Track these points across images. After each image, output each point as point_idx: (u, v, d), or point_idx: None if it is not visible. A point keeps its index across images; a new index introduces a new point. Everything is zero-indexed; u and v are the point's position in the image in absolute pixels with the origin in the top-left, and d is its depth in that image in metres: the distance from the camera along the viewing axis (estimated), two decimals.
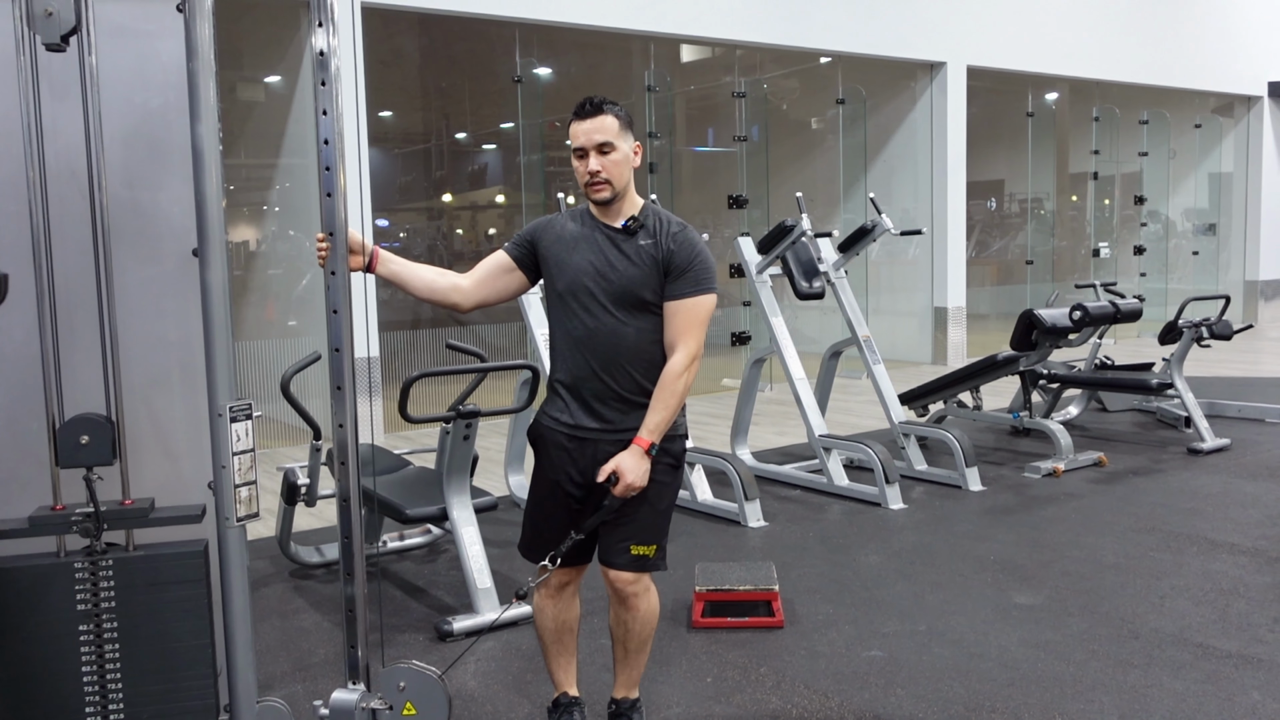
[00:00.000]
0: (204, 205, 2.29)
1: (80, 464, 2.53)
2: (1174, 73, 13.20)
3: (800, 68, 11.63)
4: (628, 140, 2.72)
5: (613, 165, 2.68)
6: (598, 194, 2.70)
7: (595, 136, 2.67)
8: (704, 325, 2.73)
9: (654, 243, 2.70)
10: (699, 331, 2.71)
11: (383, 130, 12.24)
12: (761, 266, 6.06)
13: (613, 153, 2.68)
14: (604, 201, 2.72)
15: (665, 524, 2.85)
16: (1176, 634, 3.69)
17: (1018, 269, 13.40)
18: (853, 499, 5.65)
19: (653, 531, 2.80)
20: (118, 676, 2.58)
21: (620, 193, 2.72)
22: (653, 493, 2.75)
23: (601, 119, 2.67)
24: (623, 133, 2.70)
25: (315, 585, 4.48)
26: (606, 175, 2.68)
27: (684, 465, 2.87)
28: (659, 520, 2.81)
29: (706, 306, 2.72)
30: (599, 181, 2.68)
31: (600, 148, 2.67)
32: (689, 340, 2.69)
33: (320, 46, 2.40)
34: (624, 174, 2.71)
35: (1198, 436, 6.67)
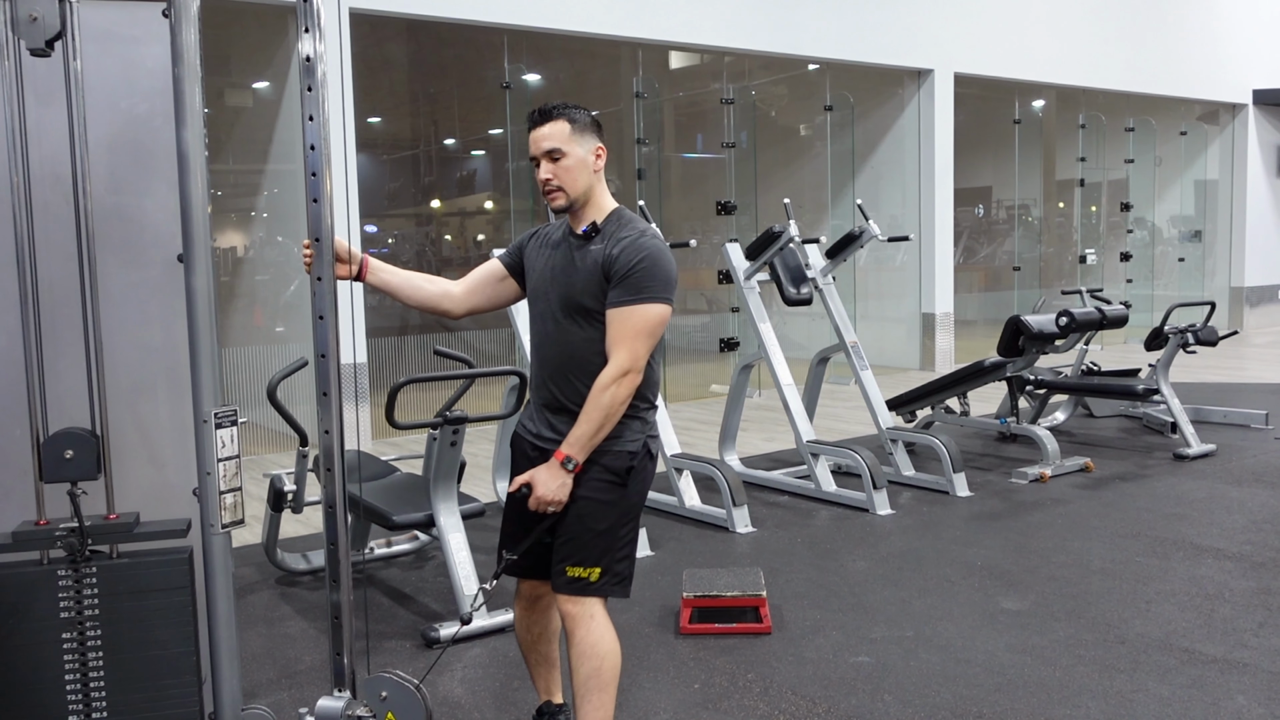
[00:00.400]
0: (189, 211, 2.29)
1: (64, 479, 2.51)
2: (1160, 80, 13.29)
3: (788, 74, 11.66)
4: (584, 144, 2.62)
5: (564, 172, 2.60)
6: (553, 202, 2.64)
7: (544, 144, 2.60)
8: (641, 337, 2.54)
9: (602, 248, 2.59)
10: (634, 344, 2.53)
11: (371, 136, 12.23)
12: (750, 272, 6.07)
13: (563, 159, 2.60)
14: (560, 209, 2.65)
15: (613, 545, 2.63)
16: (1162, 639, 3.71)
17: (1005, 275, 13.45)
18: (840, 505, 5.65)
19: (592, 553, 2.61)
20: (101, 685, 2.56)
21: (578, 199, 2.63)
22: (587, 510, 2.60)
23: (552, 125, 2.60)
24: (577, 136, 2.61)
25: (302, 592, 4.46)
26: (559, 182, 2.60)
27: (633, 485, 2.64)
28: (599, 541, 2.61)
29: (644, 316, 2.54)
30: (551, 189, 2.62)
31: (550, 154, 2.60)
32: (621, 351, 2.53)
33: (307, 52, 2.39)
34: (578, 179, 2.62)
35: (1183, 442, 6.70)
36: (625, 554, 2.66)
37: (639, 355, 2.54)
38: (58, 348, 2.63)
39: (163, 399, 2.84)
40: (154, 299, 2.80)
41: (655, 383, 2.74)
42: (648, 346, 2.56)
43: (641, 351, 2.55)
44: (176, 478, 2.80)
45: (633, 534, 2.70)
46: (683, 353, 10.99)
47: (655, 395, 2.74)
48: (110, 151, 2.71)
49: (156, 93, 2.71)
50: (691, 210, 12.63)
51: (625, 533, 2.66)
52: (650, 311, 2.55)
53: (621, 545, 2.65)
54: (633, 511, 2.68)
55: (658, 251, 2.58)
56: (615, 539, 2.63)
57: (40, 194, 2.59)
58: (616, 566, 2.64)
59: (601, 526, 2.61)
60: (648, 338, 2.56)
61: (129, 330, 2.77)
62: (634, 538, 2.71)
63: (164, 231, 2.76)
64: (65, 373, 2.64)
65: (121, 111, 2.73)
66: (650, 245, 2.58)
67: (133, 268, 2.77)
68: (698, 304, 12.31)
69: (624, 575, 2.67)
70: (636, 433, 2.64)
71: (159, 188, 2.76)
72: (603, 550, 2.61)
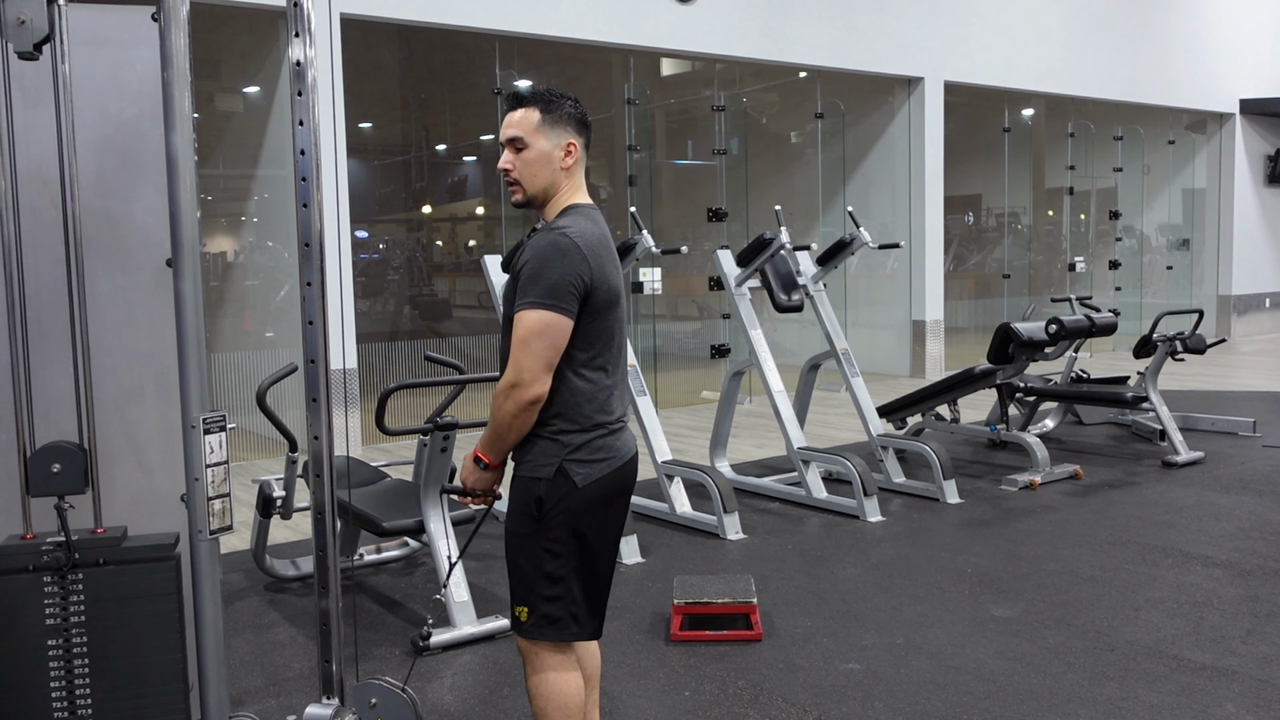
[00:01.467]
0: (178, 215, 2.28)
1: (51, 493, 2.49)
2: (1148, 89, 13.36)
3: (779, 82, 11.69)
4: (553, 137, 2.37)
5: (524, 164, 2.37)
6: (511, 196, 2.43)
7: (508, 130, 2.38)
8: (526, 346, 2.24)
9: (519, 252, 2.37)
10: (517, 354, 2.25)
11: (362, 141, 12.21)
12: (741, 279, 6.08)
13: (525, 150, 2.36)
14: (518, 204, 2.44)
15: (535, 584, 2.35)
16: (1151, 646, 3.71)
17: (995, 283, 13.49)
18: (831, 511, 5.65)
19: (518, 591, 2.39)
20: (87, 691, 2.54)
21: (536, 196, 2.40)
22: (509, 545, 2.41)
23: (523, 111, 2.37)
24: (545, 129, 2.36)
25: (290, 599, 4.43)
26: (516, 175, 2.38)
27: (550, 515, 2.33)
28: (522, 578, 2.38)
29: (524, 323, 2.25)
30: (509, 181, 2.40)
31: (512, 143, 2.38)
32: (510, 364, 2.27)
33: (297, 57, 2.39)
34: (538, 174, 2.37)
35: (1172, 450, 6.72)
36: (555, 594, 2.35)
37: (523, 367, 2.24)
38: (45, 353, 2.62)
39: (151, 405, 2.83)
40: (142, 304, 2.79)
41: (595, 399, 2.37)
42: (537, 356, 2.24)
43: (527, 363, 2.24)
44: (164, 483, 2.78)
45: (565, 572, 2.36)
46: (674, 359, 10.99)
47: (588, 414, 2.36)
48: (98, 155, 2.70)
49: (145, 96, 2.70)
50: (683, 217, 12.64)
51: (554, 570, 2.35)
52: (526, 319, 2.25)
53: (549, 584, 2.35)
54: (558, 548, 2.35)
55: (548, 250, 2.27)
56: (538, 577, 2.35)
57: (28, 198, 2.58)
58: (545, 608, 2.36)
59: (521, 563, 2.38)
60: (531, 347, 2.24)
61: (117, 335, 2.75)
62: (567, 577, 2.36)
63: (152, 236, 2.75)
64: (53, 379, 2.63)
65: (110, 115, 2.72)
66: (541, 243, 2.29)
67: (121, 272, 2.76)
68: (689, 310, 12.32)
69: (555, 618, 2.36)
70: (549, 456, 2.34)
71: (147, 192, 2.75)
72: (526, 589, 2.37)
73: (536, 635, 2.37)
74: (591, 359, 2.35)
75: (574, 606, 2.38)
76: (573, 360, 2.33)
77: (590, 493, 2.35)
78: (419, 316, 12.24)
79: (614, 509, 2.44)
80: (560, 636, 2.38)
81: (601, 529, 2.41)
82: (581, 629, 2.40)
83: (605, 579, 2.47)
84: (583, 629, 2.41)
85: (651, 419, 5.49)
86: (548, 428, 2.34)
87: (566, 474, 2.33)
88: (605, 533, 2.43)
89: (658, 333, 10.41)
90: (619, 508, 2.46)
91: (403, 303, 12.62)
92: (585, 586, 2.39)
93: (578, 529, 2.35)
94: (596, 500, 2.37)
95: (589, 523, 2.37)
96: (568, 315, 2.27)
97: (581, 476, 2.34)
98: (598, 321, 2.34)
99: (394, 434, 3.92)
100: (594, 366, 2.36)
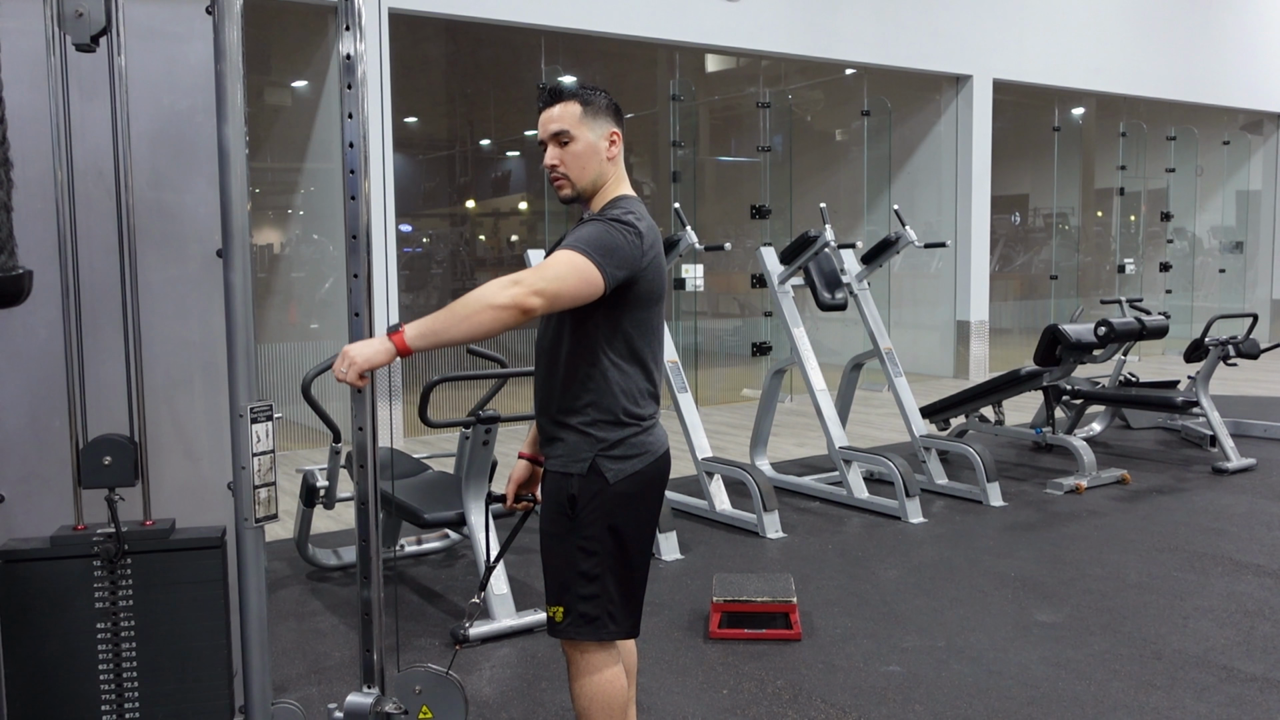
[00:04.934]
0: (229, 206, 2.30)
1: (102, 485, 2.53)
2: (1203, 89, 13.11)
3: (825, 79, 11.61)
4: (595, 128, 2.35)
5: (572, 158, 2.34)
6: (558, 191, 2.39)
7: (551, 126, 2.34)
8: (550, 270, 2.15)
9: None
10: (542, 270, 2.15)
11: (407, 136, 12.31)
12: (784, 277, 6.04)
13: (572, 144, 2.33)
14: (567, 200, 2.40)
15: (571, 583, 2.34)
16: (1200, 655, 3.64)
17: (1041, 284, 13.31)
18: (872, 512, 5.61)
19: (553, 590, 2.38)
20: (134, 675, 2.58)
21: (586, 189, 2.37)
22: (543, 544, 2.40)
23: (563, 106, 2.34)
24: (589, 120, 2.34)
25: (332, 588, 4.48)
26: (564, 170, 2.35)
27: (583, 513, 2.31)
28: (557, 577, 2.37)
29: (562, 257, 2.17)
30: (557, 177, 2.37)
31: (557, 137, 2.34)
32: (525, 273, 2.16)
33: (347, 50, 2.40)
34: (587, 167, 2.35)
35: (1223, 456, 6.59)
36: (592, 593, 2.32)
37: (540, 277, 2.13)
38: (97, 341, 2.66)
39: (199, 394, 2.87)
40: (193, 294, 2.82)
41: (629, 393, 2.33)
42: (557, 281, 2.14)
43: (544, 277, 2.13)
44: (211, 472, 2.82)
45: (601, 570, 2.33)
46: (715, 356, 10.96)
47: (622, 406, 2.32)
48: (152, 147, 2.73)
49: (198, 89, 2.73)
50: (726, 214, 12.60)
51: (589, 568, 2.32)
52: (565, 255, 2.18)
53: (585, 582, 2.33)
54: (593, 545, 2.32)
55: (608, 224, 2.25)
56: (574, 576, 2.33)
57: (83, 188, 2.62)
58: (581, 607, 2.33)
59: (555, 562, 2.37)
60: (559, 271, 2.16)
61: (167, 325, 2.79)
62: (603, 575, 2.33)
63: (203, 227, 2.78)
64: (104, 367, 2.66)
65: (164, 107, 2.76)
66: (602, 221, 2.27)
67: (172, 263, 2.80)
68: (730, 308, 12.28)
69: (592, 616, 2.33)
70: (582, 451, 2.31)
71: (199, 183, 2.78)
72: (561, 588, 2.36)
73: (573, 635, 2.35)
74: (632, 351, 2.32)
75: (610, 605, 2.35)
76: (612, 349, 2.30)
77: (624, 488, 2.32)
78: None
79: (648, 504, 2.41)
80: (598, 635, 2.35)
81: (636, 525, 2.37)
82: (619, 627, 2.37)
83: (641, 576, 2.43)
84: (620, 627, 2.37)
85: (692, 415, 5.47)
86: (579, 418, 2.32)
87: (599, 470, 2.30)
88: (640, 529, 2.39)
89: (699, 329, 10.39)
90: (653, 503, 2.43)
91: (446, 296, 12.70)
92: (621, 584, 2.36)
93: (613, 525, 2.32)
94: (630, 496, 2.34)
95: (623, 519, 2.33)
96: (605, 277, 2.19)
97: (614, 473, 2.31)
98: (642, 312, 2.32)
99: (437, 426, 3.94)
100: (632, 360, 2.33)
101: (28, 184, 2.31)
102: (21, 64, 2.49)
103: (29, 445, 2.69)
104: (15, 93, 2.13)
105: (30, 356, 2.68)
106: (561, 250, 2.20)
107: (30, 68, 2.52)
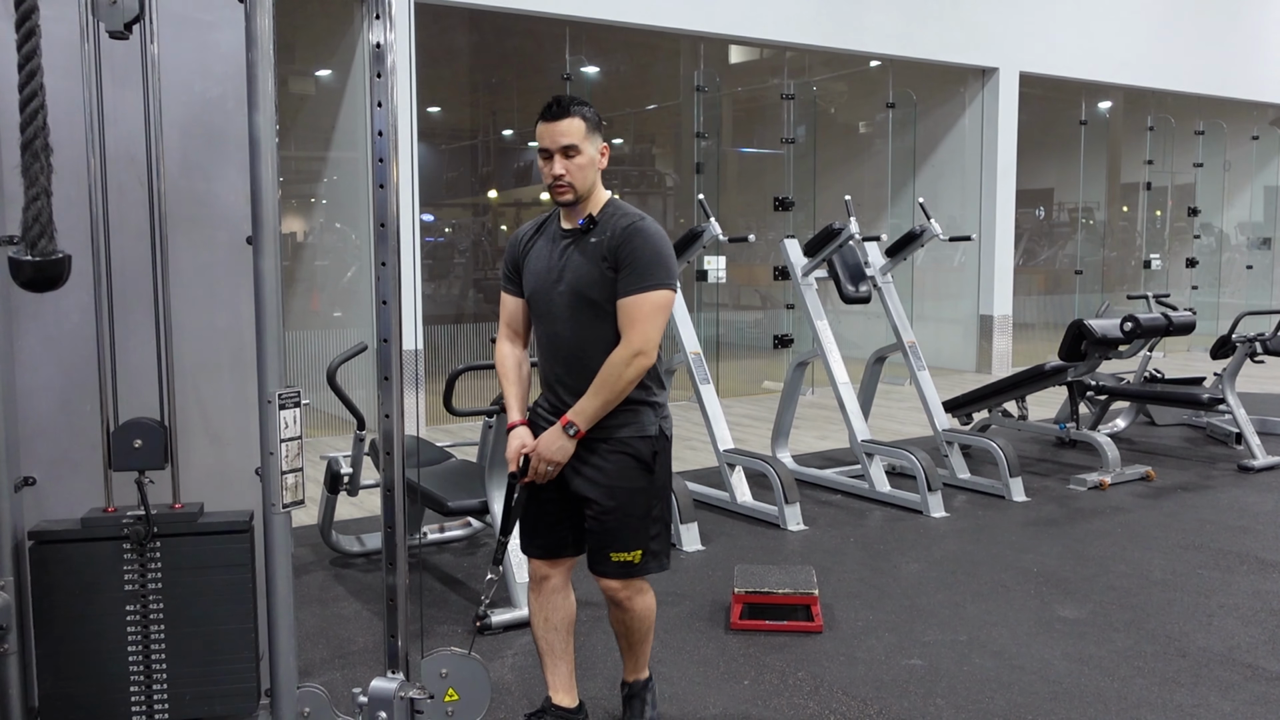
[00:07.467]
0: (259, 193, 2.32)
1: (132, 467, 2.56)
2: (1232, 83, 12.96)
3: (850, 71, 11.55)
4: (594, 143, 2.71)
5: (577, 169, 2.67)
6: (560, 196, 2.71)
7: (560, 139, 2.66)
8: (652, 320, 2.64)
9: (601, 240, 2.68)
10: (645, 326, 2.63)
11: (430, 126, 12.34)
12: (807, 269, 6.03)
13: (577, 156, 2.67)
14: (566, 204, 2.73)
15: (650, 528, 2.78)
16: (1225, 653, 3.62)
17: (1066, 278, 13.21)
18: (894, 505, 5.59)
19: (634, 538, 2.76)
20: (162, 656, 2.61)
21: (582, 195, 2.72)
22: (623, 499, 2.73)
23: (569, 121, 2.66)
24: (589, 135, 2.69)
25: (355, 574, 4.51)
26: (570, 179, 2.67)
27: (659, 468, 2.79)
28: (639, 525, 2.76)
29: (653, 301, 2.64)
30: (561, 185, 2.68)
31: (565, 150, 2.66)
32: (634, 334, 2.63)
33: (377, 40, 2.41)
34: (587, 177, 2.70)
35: (1249, 453, 6.54)
36: (659, 532, 2.81)
37: (650, 339, 2.64)
38: (128, 328, 2.68)
39: (227, 380, 2.88)
40: (222, 280, 2.84)
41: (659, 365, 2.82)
42: (658, 330, 2.66)
43: (653, 335, 2.64)
44: (238, 458, 2.83)
45: (664, 512, 2.83)
46: (736, 348, 10.94)
47: (658, 378, 2.81)
48: (183, 134, 2.75)
49: (229, 77, 2.74)
50: (749, 205, 12.57)
51: (658, 513, 2.80)
52: (658, 297, 2.65)
53: (656, 525, 2.79)
54: (662, 492, 2.82)
55: (659, 238, 2.68)
56: (650, 521, 2.77)
57: (115, 175, 2.64)
58: (653, 545, 2.79)
59: (639, 512, 2.75)
60: (654, 320, 2.65)
61: (197, 311, 2.81)
62: (667, 516, 2.86)
63: (234, 214, 2.79)
64: (135, 351, 2.69)
65: (195, 95, 2.77)
66: (649, 231, 2.67)
67: (203, 249, 2.81)
68: (751, 300, 12.26)
69: (661, 551, 2.82)
70: (652, 419, 2.77)
71: (229, 171, 2.80)
72: (639, 535, 2.75)
73: (649, 570, 2.78)
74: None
75: (668, 540, 2.87)
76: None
77: (669, 442, 2.84)
78: (483, 300, 12.34)
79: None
80: (663, 566, 2.83)
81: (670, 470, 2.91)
82: (669, 558, 2.88)
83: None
84: (669, 558, 2.88)
85: (714, 407, 5.47)
86: (641, 392, 2.73)
87: (662, 431, 2.79)
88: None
89: (721, 321, 10.37)
90: None
91: (468, 286, 12.74)
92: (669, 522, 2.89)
93: (670, 474, 2.87)
94: (669, 447, 2.85)
95: (669, 466, 2.86)
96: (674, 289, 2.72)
97: (667, 430, 2.82)
98: None
99: (461, 415, 3.96)
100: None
101: (61, 171, 2.32)
102: (56, 51, 2.51)
103: (60, 429, 2.72)
104: (50, 80, 2.15)
105: (62, 341, 2.70)
106: (648, 295, 2.64)
107: (64, 55, 2.54)
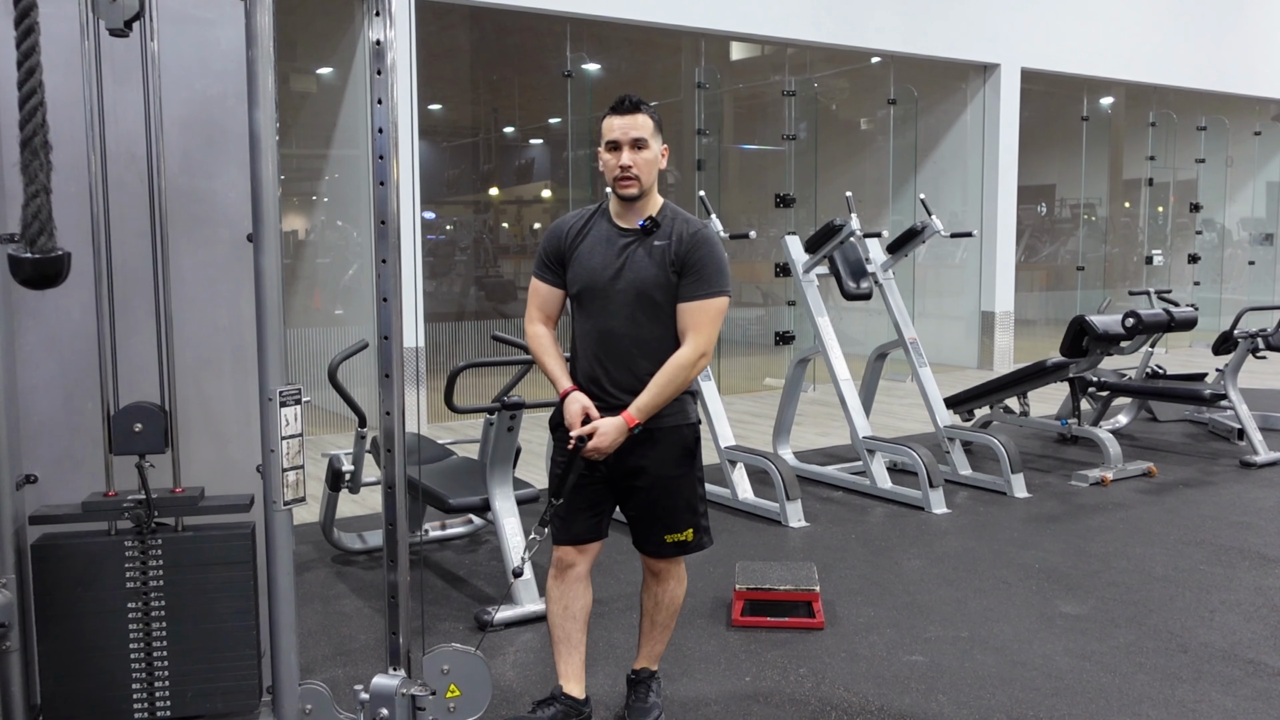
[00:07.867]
0: (260, 191, 2.32)
1: (133, 451, 2.56)
2: (1234, 79, 12.94)
3: (851, 67, 11.54)
4: (658, 141, 2.82)
5: (644, 163, 2.77)
6: (626, 189, 2.79)
7: (631, 132, 2.76)
8: (715, 324, 2.82)
9: (667, 244, 2.79)
10: (709, 330, 2.80)
11: (431, 123, 12.32)
12: (808, 266, 6.02)
13: (645, 150, 2.78)
14: (630, 197, 2.80)
15: (697, 506, 2.96)
16: (1227, 649, 3.62)
17: (1068, 274, 13.20)
18: (895, 502, 5.59)
19: (685, 519, 2.94)
20: (164, 654, 2.62)
21: (645, 191, 2.81)
22: (675, 485, 2.91)
23: (638, 116, 2.78)
24: (656, 133, 2.81)
25: (357, 571, 4.51)
26: (637, 171, 2.76)
27: (697, 451, 2.98)
28: (690, 506, 2.94)
29: (716, 307, 2.81)
30: (629, 177, 2.77)
31: (635, 143, 2.77)
32: (698, 336, 2.78)
33: (377, 36, 2.41)
34: (652, 173, 2.81)
35: (1251, 449, 6.53)
36: (704, 510, 3.00)
37: (712, 341, 2.82)
38: (129, 323, 2.68)
39: (228, 376, 2.89)
40: (222, 278, 2.84)
41: None
42: (717, 332, 2.85)
43: (714, 338, 2.83)
44: (239, 454, 2.84)
45: (703, 490, 3.01)
46: (737, 345, 10.94)
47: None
48: (184, 132, 2.75)
49: (230, 74, 2.75)
50: (750, 202, 12.56)
51: (702, 492, 3.00)
52: (720, 303, 2.82)
53: (702, 503, 2.99)
54: (702, 474, 3.01)
55: (720, 245, 2.85)
56: (697, 501, 2.97)
57: (115, 172, 2.64)
58: (702, 523, 2.99)
59: (683, 494, 2.93)
60: (716, 325, 2.83)
61: (197, 308, 2.82)
62: (705, 494, 3.02)
63: (233, 211, 2.80)
64: (136, 348, 2.69)
65: (196, 93, 2.77)
66: (715, 240, 2.84)
67: (202, 246, 2.82)
68: (753, 297, 12.25)
69: (708, 527, 3.02)
70: (691, 407, 2.96)
71: (229, 168, 2.80)
72: (688, 515, 2.94)
73: (701, 545, 2.97)
74: None
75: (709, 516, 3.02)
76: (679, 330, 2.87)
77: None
78: (485, 297, 12.34)
79: None
80: (710, 541, 3.02)
81: None
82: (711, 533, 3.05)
83: None
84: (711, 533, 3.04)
85: (715, 404, 5.47)
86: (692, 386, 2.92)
87: (699, 417, 2.98)
88: None
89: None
90: None
91: (469, 283, 12.73)
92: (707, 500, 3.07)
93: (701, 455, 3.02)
94: None
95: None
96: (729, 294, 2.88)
97: (700, 418, 3.02)
98: None
99: (462, 412, 3.96)
100: None
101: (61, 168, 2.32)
102: (56, 49, 2.51)
103: (62, 426, 2.72)
104: (50, 77, 2.15)
105: (63, 339, 2.71)
106: (713, 301, 2.79)
107: (64, 52, 2.54)
